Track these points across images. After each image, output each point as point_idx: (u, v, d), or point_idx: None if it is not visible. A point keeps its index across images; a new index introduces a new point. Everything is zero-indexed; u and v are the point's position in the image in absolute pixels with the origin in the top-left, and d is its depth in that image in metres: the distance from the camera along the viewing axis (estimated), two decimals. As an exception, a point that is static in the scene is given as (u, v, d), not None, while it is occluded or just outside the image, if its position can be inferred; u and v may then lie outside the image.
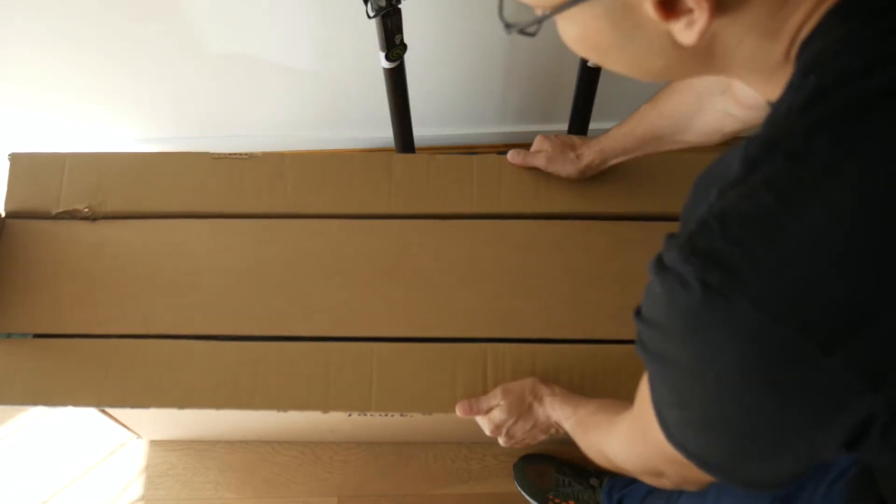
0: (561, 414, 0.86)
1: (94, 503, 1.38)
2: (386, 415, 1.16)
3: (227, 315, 0.99)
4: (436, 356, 0.96)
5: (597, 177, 1.07)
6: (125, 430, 1.34)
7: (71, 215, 1.06)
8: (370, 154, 1.09)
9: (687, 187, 0.99)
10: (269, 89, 1.53)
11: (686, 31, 0.41)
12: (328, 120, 1.62)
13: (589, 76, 1.28)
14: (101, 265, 1.02)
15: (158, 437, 1.42)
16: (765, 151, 0.40)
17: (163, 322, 0.98)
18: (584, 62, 1.25)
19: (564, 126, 1.45)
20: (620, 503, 1.23)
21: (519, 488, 1.34)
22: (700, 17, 0.40)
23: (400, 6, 1.05)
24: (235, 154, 1.08)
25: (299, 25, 1.37)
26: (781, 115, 0.42)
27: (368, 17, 1.05)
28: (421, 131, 1.50)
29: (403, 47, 1.15)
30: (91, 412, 1.20)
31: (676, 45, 0.43)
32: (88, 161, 1.08)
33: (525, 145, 1.74)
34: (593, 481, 1.30)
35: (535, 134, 1.70)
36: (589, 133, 1.46)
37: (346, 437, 1.38)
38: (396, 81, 1.23)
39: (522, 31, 0.46)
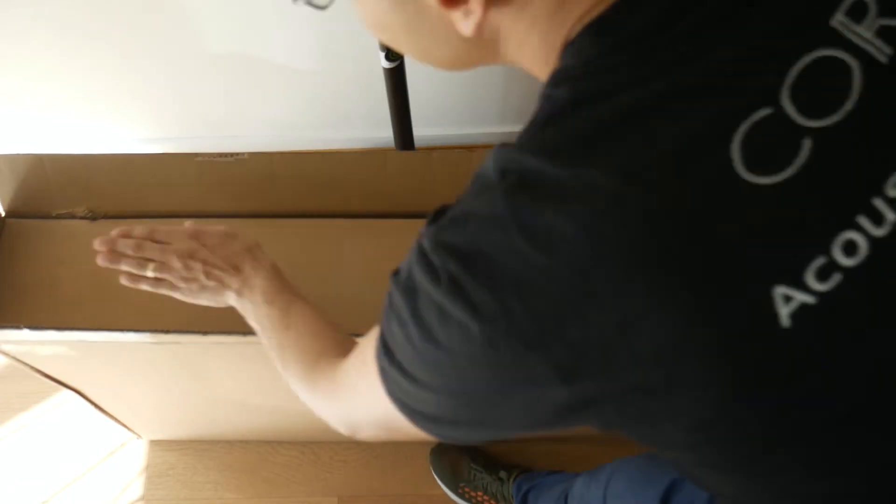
0: (263, 293, 0.76)
1: (94, 503, 1.38)
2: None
3: (225, 315, 0.98)
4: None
5: None
6: (125, 429, 1.34)
7: (71, 215, 1.06)
8: (364, 154, 1.08)
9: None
10: (270, 89, 1.53)
11: (464, 22, 0.41)
12: (328, 120, 1.62)
13: (589, 76, 1.28)
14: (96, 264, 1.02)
15: (158, 436, 1.42)
16: (512, 163, 0.41)
17: (161, 320, 0.98)
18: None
19: (564, 126, 1.45)
20: (528, 494, 1.24)
21: (434, 475, 1.35)
22: (475, 8, 0.40)
23: (400, 6, 1.06)
24: (220, 154, 1.07)
25: (300, 25, 1.37)
26: (530, 122, 0.44)
27: (368, 17, 1.05)
28: (421, 131, 1.50)
29: (403, 47, 1.15)
30: (90, 411, 1.20)
31: (461, 35, 0.43)
32: (72, 163, 1.07)
33: (525, 145, 1.72)
34: (502, 474, 1.31)
35: (535, 134, 1.71)
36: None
37: (346, 437, 1.38)
38: (396, 81, 1.23)
39: (311, 3, 0.47)
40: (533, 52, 0.45)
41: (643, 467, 0.93)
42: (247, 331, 0.86)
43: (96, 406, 1.19)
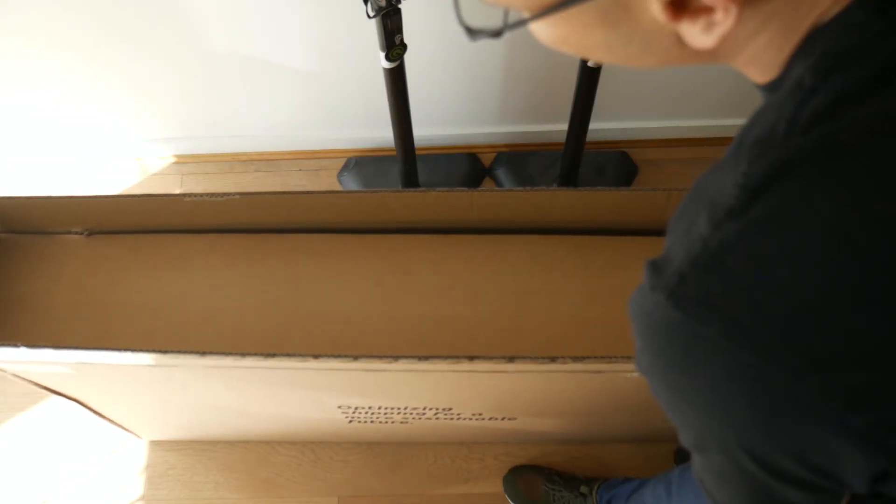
0: None
1: (94, 503, 1.38)
2: (386, 422, 1.17)
3: (225, 331, 0.97)
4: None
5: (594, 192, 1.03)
6: (124, 431, 1.34)
7: (66, 231, 1.05)
8: (359, 196, 1.03)
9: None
10: (270, 89, 1.53)
11: (703, 35, 0.36)
12: (328, 120, 1.62)
13: (589, 76, 1.28)
14: (96, 279, 1.01)
15: (158, 437, 1.42)
16: (769, 177, 0.35)
17: (160, 338, 0.97)
18: (584, 62, 1.26)
19: (564, 126, 1.45)
20: None
21: (510, 500, 1.34)
22: (724, 20, 0.34)
23: (400, 6, 1.05)
24: (210, 194, 1.00)
25: (300, 26, 1.37)
26: (785, 119, 0.36)
27: (368, 17, 1.05)
28: (421, 131, 1.49)
29: (403, 47, 1.15)
30: (91, 415, 1.20)
31: (681, 44, 0.38)
32: (68, 204, 1.02)
33: (525, 145, 1.74)
34: (583, 489, 1.30)
35: (535, 134, 1.71)
36: (589, 134, 1.46)
37: (346, 438, 1.38)
38: (396, 81, 1.22)
39: (493, 35, 0.42)
40: (759, 49, 0.38)
41: None
42: (245, 352, 0.85)
43: (96, 413, 1.19)
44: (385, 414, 1.10)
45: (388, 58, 1.15)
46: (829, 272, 0.34)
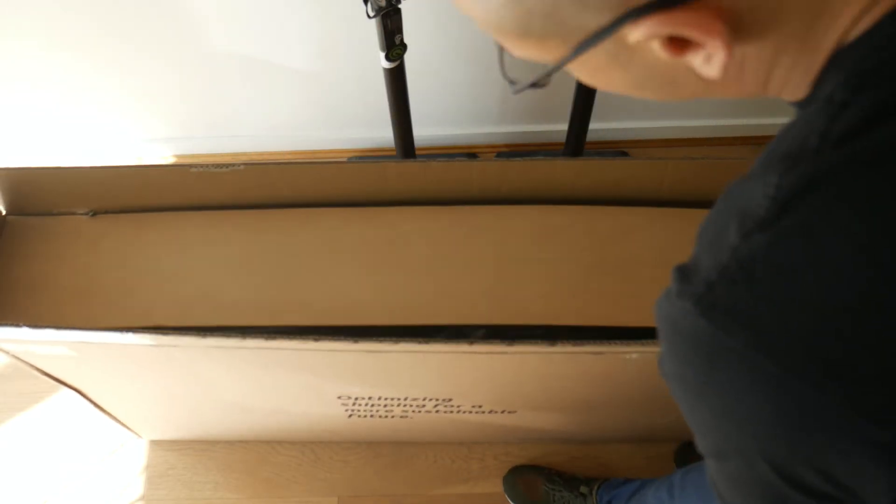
0: None
1: (94, 503, 1.38)
2: (386, 416, 1.17)
3: (223, 305, 0.98)
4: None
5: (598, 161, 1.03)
6: (125, 429, 1.34)
7: (71, 212, 1.06)
8: (360, 165, 1.07)
9: (694, 176, 0.95)
10: (270, 89, 1.53)
11: (707, 66, 0.37)
12: (328, 120, 1.62)
13: (589, 76, 1.28)
14: (100, 259, 1.02)
15: (158, 436, 1.42)
16: (799, 190, 0.35)
17: (162, 314, 0.97)
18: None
19: (564, 126, 1.45)
20: None
21: (510, 500, 1.34)
22: (716, 51, 0.35)
23: (400, 6, 1.06)
24: (216, 164, 1.04)
25: (300, 26, 1.37)
26: (816, 133, 0.36)
27: (368, 17, 1.05)
28: (421, 131, 1.50)
29: (403, 47, 1.15)
30: (90, 411, 1.20)
31: (700, 76, 0.38)
32: (72, 174, 1.04)
33: (525, 145, 1.74)
34: (583, 489, 1.30)
35: (535, 134, 1.71)
36: (589, 135, 1.46)
37: (345, 437, 1.38)
38: (396, 81, 1.23)
39: (535, 85, 0.43)
40: (785, 73, 0.39)
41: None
42: (245, 334, 0.86)
43: (96, 405, 1.19)
44: (385, 407, 1.10)
45: (388, 58, 1.15)
46: (857, 287, 0.34)
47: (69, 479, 1.40)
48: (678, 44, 0.36)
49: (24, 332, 0.89)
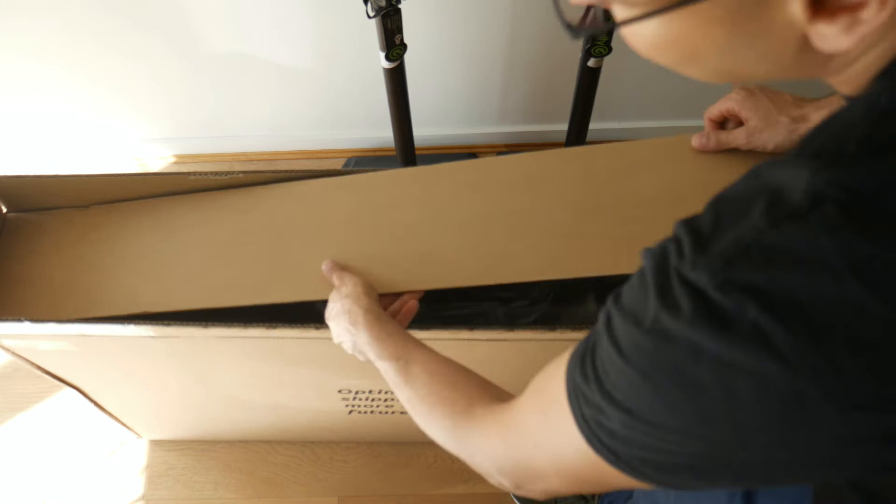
0: (377, 354, 0.72)
1: (94, 503, 1.38)
2: (386, 412, 1.17)
3: (210, 287, 0.96)
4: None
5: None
6: (125, 429, 1.34)
7: (65, 206, 1.06)
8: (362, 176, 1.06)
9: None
10: (270, 89, 1.53)
11: (842, 35, 0.34)
12: (328, 120, 1.62)
13: (589, 76, 1.28)
14: (91, 249, 1.02)
15: (158, 436, 1.42)
16: (834, 185, 0.34)
17: (148, 300, 0.96)
18: (584, 62, 1.25)
19: (564, 126, 1.45)
20: None
21: (513, 496, 1.34)
22: (875, 16, 0.32)
23: (400, 6, 1.06)
24: (214, 172, 1.04)
25: (300, 26, 1.37)
26: (855, 140, 0.35)
27: (368, 17, 1.05)
28: (421, 131, 1.50)
29: (403, 47, 1.15)
30: (90, 410, 1.20)
31: (804, 49, 0.36)
32: (70, 183, 1.04)
33: (525, 145, 1.73)
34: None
35: (535, 134, 1.71)
36: (589, 135, 1.46)
37: (345, 437, 1.38)
38: (396, 81, 1.23)
39: (593, 36, 0.40)
40: (863, 68, 0.37)
41: None
42: (247, 324, 0.86)
43: (96, 404, 1.19)
44: (385, 402, 1.10)
45: (388, 58, 1.15)
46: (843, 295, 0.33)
47: (69, 479, 1.40)
48: (817, 6, 0.34)
49: (26, 327, 0.89)
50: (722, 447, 0.38)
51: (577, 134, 1.43)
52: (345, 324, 0.78)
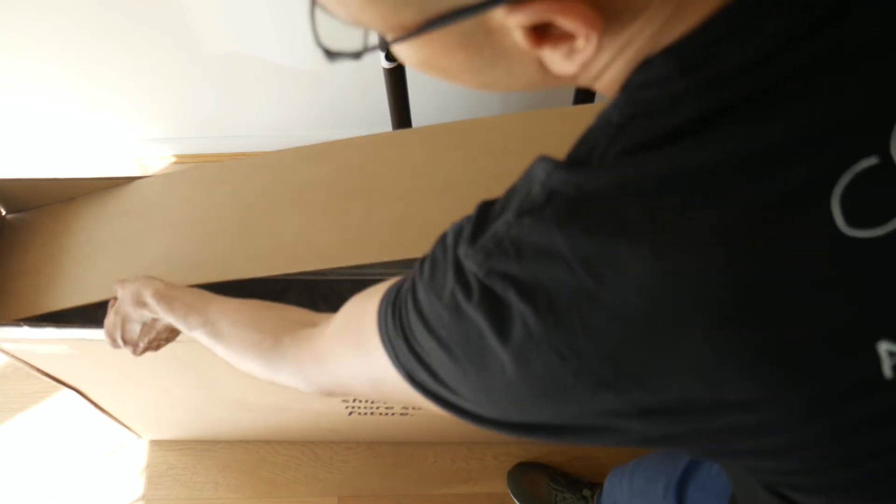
0: (187, 326, 0.73)
1: (94, 503, 1.38)
2: (386, 413, 1.17)
3: (180, 266, 0.94)
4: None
5: None
6: (125, 429, 1.34)
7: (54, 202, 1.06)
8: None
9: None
10: (269, 89, 1.53)
11: (564, 62, 0.37)
12: (328, 120, 1.62)
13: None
14: (72, 239, 1.02)
15: (158, 436, 1.42)
16: (569, 184, 0.37)
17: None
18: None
19: (564, 126, 1.45)
20: None
21: (512, 496, 1.34)
22: (585, 47, 0.35)
23: (400, 6, 1.05)
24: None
25: (299, 25, 1.37)
26: (598, 154, 0.38)
27: (368, 16, 1.05)
28: (421, 131, 1.50)
29: (403, 47, 1.15)
30: (90, 411, 1.20)
31: (543, 69, 0.38)
32: (68, 186, 1.04)
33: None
34: (586, 492, 1.30)
35: (534, 134, 1.71)
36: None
37: (345, 437, 1.38)
38: (396, 81, 1.23)
39: (353, 57, 0.43)
40: (616, 75, 0.39)
41: (661, 456, 0.94)
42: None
43: (96, 405, 1.19)
44: (385, 402, 1.10)
45: (388, 58, 1.15)
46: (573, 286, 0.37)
47: (69, 479, 1.40)
48: (539, 34, 0.35)
49: (24, 332, 0.89)
50: (507, 413, 0.42)
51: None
52: (139, 311, 0.77)
